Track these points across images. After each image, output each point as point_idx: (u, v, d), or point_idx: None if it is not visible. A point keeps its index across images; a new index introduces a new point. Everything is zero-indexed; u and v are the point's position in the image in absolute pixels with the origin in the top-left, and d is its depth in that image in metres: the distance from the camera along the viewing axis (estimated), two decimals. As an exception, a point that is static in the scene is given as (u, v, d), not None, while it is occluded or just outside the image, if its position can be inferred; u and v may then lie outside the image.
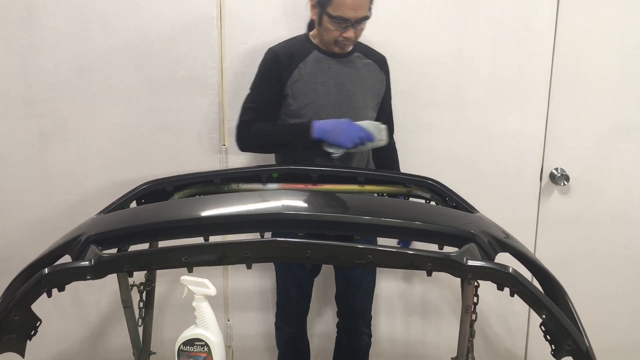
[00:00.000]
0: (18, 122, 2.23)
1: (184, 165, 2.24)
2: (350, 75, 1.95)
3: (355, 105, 1.94)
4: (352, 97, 1.94)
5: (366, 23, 1.85)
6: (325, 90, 1.92)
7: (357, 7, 1.79)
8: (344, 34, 1.84)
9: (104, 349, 2.46)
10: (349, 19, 1.80)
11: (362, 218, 1.33)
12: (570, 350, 1.11)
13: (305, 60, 1.93)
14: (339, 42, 1.87)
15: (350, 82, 1.95)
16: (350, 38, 1.85)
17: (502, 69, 2.23)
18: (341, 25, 1.82)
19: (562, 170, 2.29)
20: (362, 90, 1.96)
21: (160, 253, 1.26)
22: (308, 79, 1.92)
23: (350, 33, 1.83)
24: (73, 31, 2.17)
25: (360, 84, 1.96)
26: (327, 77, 1.93)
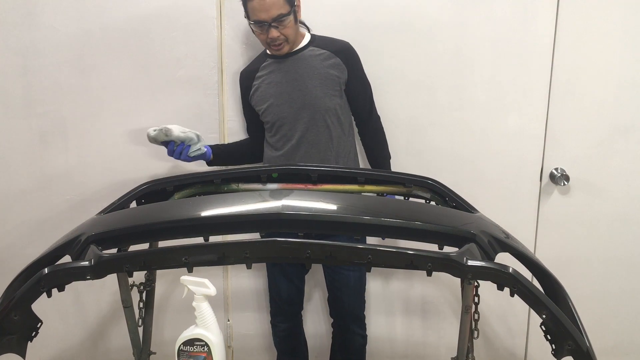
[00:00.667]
0: (18, 122, 2.23)
1: (184, 165, 2.24)
2: (301, 69, 2.00)
3: (311, 95, 1.99)
4: (306, 88, 1.99)
5: (289, 20, 1.90)
6: (280, 89, 2.00)
7: (268, 8, 1.86)
8: (269, 35, 1.91)
9: (104, 349, 2.46)
10: (264, 20, 1.88)
11: (362, 218, 1.32)
12: (571, 350, 1.11)
13: (260, 69, 2.05)
14: (270, 43, 1.95)
15: (302, 75, 1.99)
16: (275, 38, 1.92)
17: (502, 69, 2.23)
18: (262, 28, 1.90)
19: (562, 170, 2.29)
20: (314, 80, 2.00)
21: (160, 253, 1.26)
22: (264, 85, 2.03)
23: (273, 33, 1.90)
24: (73, 31, 2.17)
25: (313, 75, 2.00)
26: (280, 77, 2.01)
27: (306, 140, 2.01)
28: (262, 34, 1.93)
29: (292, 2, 1.91)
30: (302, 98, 1.99)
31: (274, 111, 2.02)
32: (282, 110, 2.00)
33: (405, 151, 2.27)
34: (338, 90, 2.02)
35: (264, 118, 2.06)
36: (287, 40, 1.96)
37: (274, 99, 2.01)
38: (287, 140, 2.02)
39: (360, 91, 2.09)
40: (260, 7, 1.86)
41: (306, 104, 1.98)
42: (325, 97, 1.99)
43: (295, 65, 2.01)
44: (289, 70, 2.01)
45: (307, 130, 2.00)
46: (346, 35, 2.10)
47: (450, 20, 2.20)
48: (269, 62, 2.05)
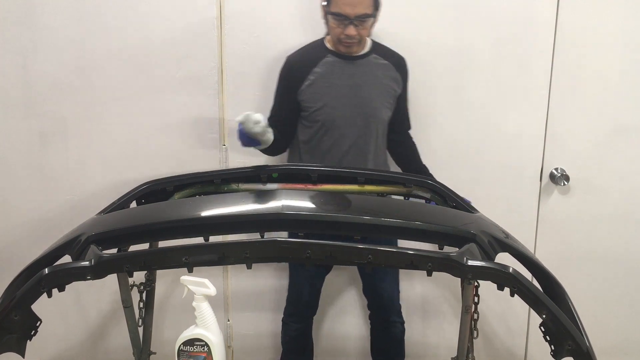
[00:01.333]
0: (18, 122, 2.23)
1: (184, 165, 2.24)
2: (365, 76, 1.97)
3: (369, 105, 1.97)
4: (366, 97, 1.97)
5: (371, 21, 1.87)
6: (339, 92, 1.95)
7: (355, 4, 1.80)
8: (345, 32, 1.85)
9: (104, 349, 2.46)
10: (347, 15, 1.82)
11: (362, 218, 1.33)
12: (571, 350, 1.11)
13: (318, 64, 1.96)
14: (342, 40, 1.89)
15: (365, 83, 1.97)
16: (351, 35, 1.86)
17: (502, 69, 2.23)
18: (342, 23, 1.84)
19: (562, 170, 2.29)
20: (376, 91, 1.98)
21: (160, 253, 1.27)
22: (321, 82, 1.95)
23: (351, 30, 1.85)
24: (73, 31, 2.17)
25: (375, 85, 1.98)
26: (341, 80, 1.96)
27: (357, 148, 1.99)
28: (337, 27, 1.86)
29: (378, 5, 1.88)
30: (361, 106, 1.96)
31: (328, 112, 1.96)
32: (337, 114, 1.96)
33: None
34: (392, 103, 2.02)
35: (312, 117, 1.98)
36: (360, 41, 1.92)
37: (330, 100, 1.95)
38: (336, 145, 1.98)
39: (403, 105, 2.10)
40: (349, 0, 1.80)
41: (364, 113, 1.96)
42: (382, 108, 1.99)
43: (358, 70, 1.97)
44: (351, 74, 1.96)
45: (359, 137, 1.98)
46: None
47: (451, 20, 2.19)
48: (330, 60, 1.97)
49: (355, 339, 2.47)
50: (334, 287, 2.40)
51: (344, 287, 2.43)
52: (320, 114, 1.97)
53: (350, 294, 2.44)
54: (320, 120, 1.97)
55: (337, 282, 2.40)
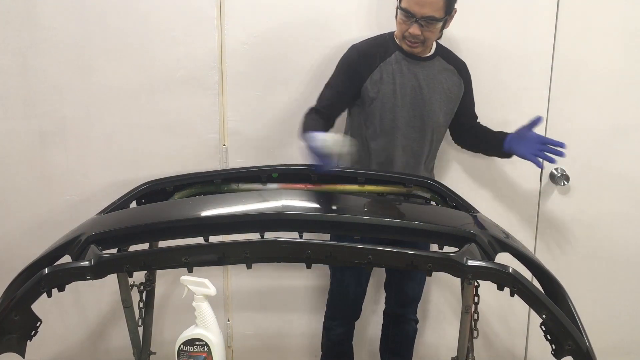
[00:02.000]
0: (18, 122, 2.23)
1: (184, 165, 2.23)
2: (428, 79, 1.95)
3: (428, 108, 1.95)
4: (426, 100, 1.95)
5: (438, 25, 1.84)
6: (401, 92, 1.93)
7: (423, 4, 1.78)
8: (409, 29, 1.83)
9: (104, 349, 2.46)
10: (414, 13, 1.80)
11: (362, 218, 1.33)
12: (571, 350, 1.11)
13: (387, 60, 1.94)
14: (406, 37, 1.87)
15: (427, 85, 1.95)
16: (415, 35, 1.84)
17: (502, 69, 2.23)
18: (408, 19, 1.82)
19: (562, 170, 2.29)
20: (437, 95, 1.96)
21: (160, 253, 1.27)
22: (387, 79, 1.93)
23: (415, 29, 1.82)
24: (73, 31, 2.16)
25: (436, 88, 1.96)
26: (405, 79, 1.94)
27: (410, 150, 1.97)
28: (404, 23, 1.84)
29: (449, 11, 1.84)
30: (421, 109, 1.94)
31: (388, 110, 1.93)
32: (397, 113, 1.93)
33: (405, 151, 2.27)
34: (452, 108, 2.01)
35: (370, 110, 1.94)
36: (424, 43, 1.89)
37: (393, 99, 1.93)
38: (390, 144, 1.96)
39: (469, 106, 2.10)
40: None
41: (423, 116, 1.95)
42: (442, 113, 1.98)
43: (422, 71, 1.95)
44: (415, 74, 1.94)
45: (414, 140, 1.97)
46: (339, 33, 2.10)
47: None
48: (397, 57, 1.94)
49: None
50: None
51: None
52: (380, 111, 1.93)
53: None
54: (378, 115, 1.94)
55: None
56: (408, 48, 1.91)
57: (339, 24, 2.18)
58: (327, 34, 2.18)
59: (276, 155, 2.26)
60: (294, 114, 2.24)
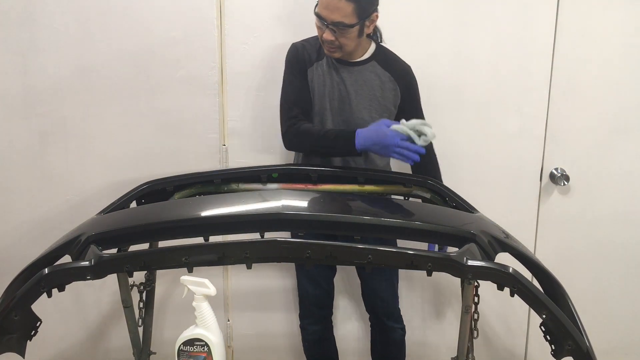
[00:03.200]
0: (18, 122, 2.23)
1: (184, 165, 2.23)
2: (356, 84, 1.90)
3: (355, 115, 1.89)
4: (353, 106, 1.89)
5: (350, 31, 1.76)
6: (330, 96, 1.91)
7: (332, 9, 1.72)
8: (323, 35, 1.79)
9: (104, 349, 2.46)
10: (323, 18, 1.75)
11: (362, 218, 1.33)
12: (570, 350, 1.11)
13: (319, 62, 1.91)
14: (324, 41, 1.82)
15: (354, 91, 1.90)
16: (328, 40, 1.78)
17: (502, 69, 2.23)
18: (322, 25, 1.78)
19: (562, 170, 2.29)
20: (366, 102, 1.90)
21: (160, 253, 1.27)
22: (318, 81, 1.91)
23: (328, 35, 1.77)
24: (73, 31, 2.16)
25: (365, 95, 1.90)
26: (333, 84, 1.91)
27: (345, 161, 1.93)
28: (319, 28, 1.80)
29: (364, 16, 1.75)
30: (348, 115, 1.89)
31: (320, 114, 1.90)
32: (325, 117, 1.90)
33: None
34: (386, 116, 1.90)
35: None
36: (341, 49, 1.81)
37: (323, 102, 1.90)
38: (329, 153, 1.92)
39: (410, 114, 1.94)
40: (326, 4, 1.73)
41: (350, 122, 1.89)
42: (372, 121, 1.84)
43: (351, 77, 1.89)
44: (344, 81, 1.89)
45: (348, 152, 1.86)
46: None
47: (451, 20, 2.20)
48: (327, 61, 1.90)
49: (354, 341, 2.48)
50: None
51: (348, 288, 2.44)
52: (315, 112, 1.91)
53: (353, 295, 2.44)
54: (315, 120, 1.90)
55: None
56: (328, 53, 1.86)
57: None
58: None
59: (276, 155, 2.26)
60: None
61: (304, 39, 1.99)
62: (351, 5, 1.71)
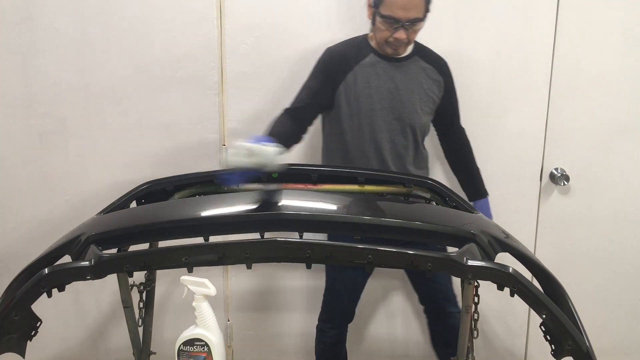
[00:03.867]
0: (18, 122, 2.23)
1: (184, 165, 2.23)
2: (405, 80, 1.92)
3: (407, 110, 1.93)
4: (404, 102, 1.92)
5: (421, 25, 1.83)
6: (378, 95, 1.91)
7: (409, 8, 1.75)
8: (394, 35, 1.81)
9: (104, 349, 2.46)
10: (399, 19, 1.77)
11: (362, 218, 1.33)
12: (570, 350, 1.11)
13: (361, 63, 1.91)
14: (390, 42, 1.84)
15: (405, 87, 1.92)
16: (400, 39, 1.82)
17: (502, 69, 2.23)
18: (392, 25, 1.79)
19: (562, 170, 2.29)
20: (416, 96, 1.94)
21: (160, 253, 1.26)
22: (362, 83, 1.90)
23: (401, 34, 1.80)
24: (73, 31, 2.17)
25: (415, 90, 1.93)
26: (381, 82, 1.91)
27: (396, 153, 1.96)
28: (386, 30, 1.81)
29: (428, 8, 1.82)
30: (400, 111, 1.92)
31: (366, 115, 1.90)
32: (376, 117, 1.91)
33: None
34: (432, 108, 1.99)
35: (347, 115, 1.92)
36: (406, 45, 1.86)
37: (370, 102, 1.90)
38: (375, 147, 1.94)
39: (449, 107, 2.06)
40: (403, 4, 1.75)
41: (403, 118, 1.92)
42: (422, 114, 1.95)
43: (399, 72, 1.92)
44: (392, 76, 1.91)
45: (398, 144, 1.95)
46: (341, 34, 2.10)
47: (450, 20, 2.20)
48: (372, 60, 1.91)
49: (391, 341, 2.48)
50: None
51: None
52: (357, 116, 1.91)
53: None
54: (355, 121, 1.91)
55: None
56: (392, 52, 1.88)
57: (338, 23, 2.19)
58: (326, 34, 2.18)
59: (276, 155, 2.26)
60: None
61: (340, 43, 1.98)
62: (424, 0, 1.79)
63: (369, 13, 1.89)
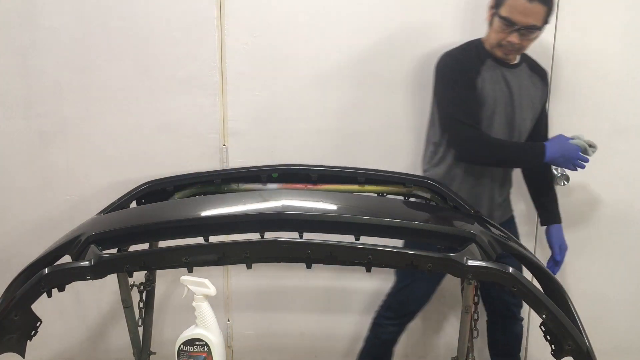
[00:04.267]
0: (18, 122, 2.23)
1: (184, 165, 2.23)
2: (517, 87, 1.94)
3: (519, 117, 1.95)
4: (517, 108, 1.94)
5: (537, 34, 1.83)
6: (496, 100, 1.91)
7: (528, 14, 1.76)
8: (508, 38, 1.82)
9: (104, 349, 2.46)
10: (516, 22, 1.78)
11: (362, 218, 1.33)
12: (570, 350, 1.11)
13: (483, 66, 1.91)
14: (503, 45, 1.85)
15: (517, 93, 1.94)
16: (513, 43, 1.82)
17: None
18: (508, 28, 1.80)
19: (562, 171, 2.28)
20: (526, 102, 1.96)
21: (160, 253, 1.27)
22: (489, 87, 1.90)
23: (514, 37, 1.81)
24: (73, 31, 2.17)
25: (524, 97, 1.96)
26: (498, 86, 1.92)
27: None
28: (501, 32, 1.83)
29: (548, 20, 1.83)
30: (512, 116, 1.94)
31: (486, 117, 1.90)
32: (494, 120, 1.92)
33: (405, 151, 2.27)
34: (534, 118, 2.01)
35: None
36: (519, 51, 1.89)
37: (491, 107, 1.90)
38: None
39: (544, 119, 2.08)
40: (522, 8, 1.76)
41: (513, 123, 1.94)
42: (529, 121, 1.98)
43: (514, 79, 1.94)
44: (509, 83, 1.93)
45: None
46: (341, 35, 2.11)
47: (450, 20, 2.19)
48: (491, 64, 1.92)
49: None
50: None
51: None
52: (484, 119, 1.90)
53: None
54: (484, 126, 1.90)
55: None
56: (502, 55, 1.89)
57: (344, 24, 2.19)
58: (326, 35, 2.18)
59: (276, 155, 2.26)
60: (294, 114, 2.25)
61: (457, 48, 1.97)
62: (545, 9, 1.79)
63: (488, 14, 1.88)
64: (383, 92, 2.23)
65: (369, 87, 2.23)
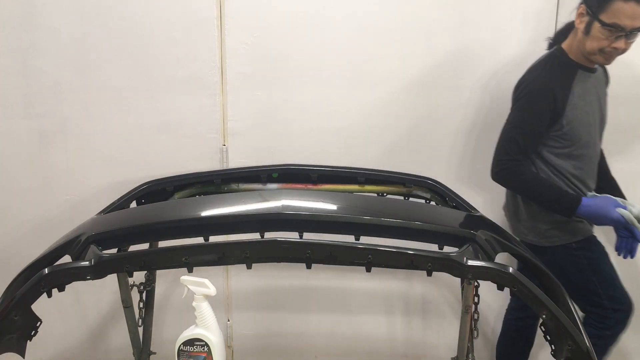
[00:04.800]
0: (18, 122, 2.23)
1: (184, 165, 2.23)
2: (600, 91, 1.94)
3: (604, 120, 1.95)
4: (603, 112, 1.94)
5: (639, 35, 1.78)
6: (591, 110, 1.89)
7: (636, 16, 1.70)
8: (613, 44, 1.75)
9: (104, 349, 2.46)
10: (625, 27, 1.71)
11: (362, 218, 1.33)
12: (571, 350, 1.11)
13: (574, 81, 1.86)
14: (606, 52, 1.78)
15: (603, 99, 1.95)
16: (619, 49, 1.77)
17: (502, 69, 2.23)
18: (613, 34, 1.73)
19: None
20: (604, 105, 1.96)
21: (160, 253, 1.27)
22: (581, 102, 1.86)
23: (620, 43, 1.75)
24: (73, 31, 2.17)
25: (603, 99, 1.96)
26: (591, 96, 1.90)
27: (593, 166, 1.96)
28: (605, 40, 1.75)
29: None
30: (601, 121, 1.95)
31: (584, 131, 1.87)
32: (592, 132, 1.90)
33: (406, 151, 2.27)
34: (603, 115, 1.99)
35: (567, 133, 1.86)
36: (621, 54, 1.81)
37: (586, 118, 1.87)
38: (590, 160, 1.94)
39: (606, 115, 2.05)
40: (631, 12, 1.68)
41: (601, 128, 1.95)
42: (605, 122, 1.97)
43: (599, 85, 1.94)
44: (597, 90, 1.92)
45: (596, 156, 1.96)
46: (341, 34, 2.10)
47: (450, 20, 2.19)
48: (581, 75, 1.87)
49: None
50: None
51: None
52: (575, 134, 1.86)
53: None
54: (575, 137, 1.87)
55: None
56: (604, 61, 1.84)
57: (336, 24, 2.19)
58: (326, 35, 2.18)
59: (276, 155, 2.26)
60: (294, 114, 2.25)
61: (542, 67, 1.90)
62: None
63: (579, 21, 1.81)
64: (383, 92, 2.23)
65: (369, 87, 2.23)
